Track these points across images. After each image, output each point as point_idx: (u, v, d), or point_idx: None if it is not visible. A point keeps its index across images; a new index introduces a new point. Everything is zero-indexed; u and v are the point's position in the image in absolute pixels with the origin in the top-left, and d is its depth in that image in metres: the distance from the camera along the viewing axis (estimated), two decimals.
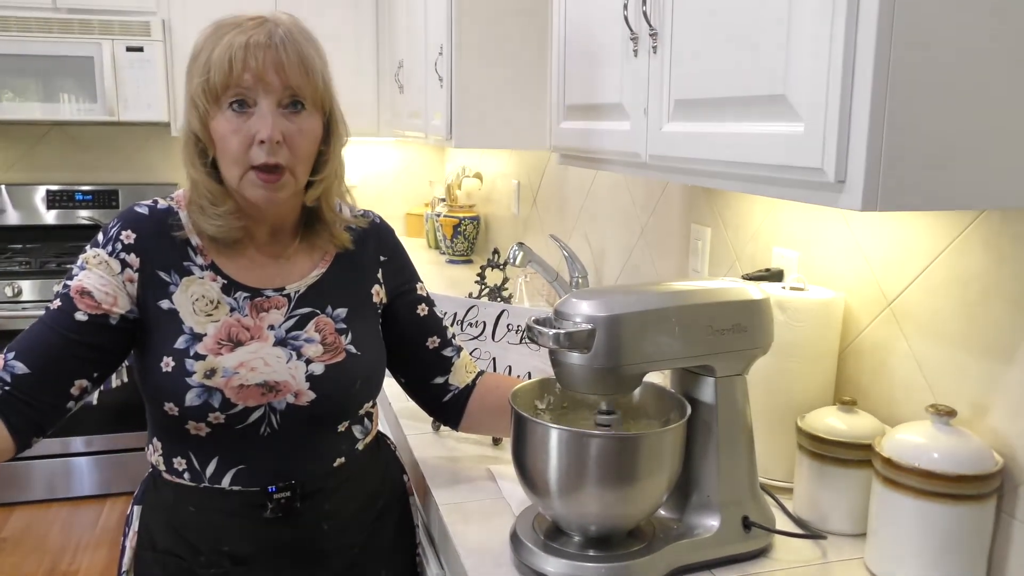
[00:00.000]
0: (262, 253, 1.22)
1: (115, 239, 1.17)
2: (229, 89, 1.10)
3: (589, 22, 1.50)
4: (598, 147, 1.47)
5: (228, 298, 1.18)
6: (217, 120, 1.12)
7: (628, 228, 2.17)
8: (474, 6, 2.40)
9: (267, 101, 1.11)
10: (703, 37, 1.10)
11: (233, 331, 1.16)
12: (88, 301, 1.13)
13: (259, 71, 1.09)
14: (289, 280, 1.22)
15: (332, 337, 1.21)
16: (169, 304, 1.16)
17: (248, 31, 1.10)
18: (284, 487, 1.17)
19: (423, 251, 3.77)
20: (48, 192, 3.79)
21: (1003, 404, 1.07)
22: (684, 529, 1.11)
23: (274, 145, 1.11)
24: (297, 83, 1.12)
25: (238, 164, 1.12)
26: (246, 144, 1.11)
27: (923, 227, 1.20)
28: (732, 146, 1.04)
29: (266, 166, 1.11)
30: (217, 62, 1.09)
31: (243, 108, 1.11)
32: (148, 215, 1.19)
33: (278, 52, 1.10)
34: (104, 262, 1.16)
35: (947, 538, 1.02)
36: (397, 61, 3.32)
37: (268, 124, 1.10)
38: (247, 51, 1.09)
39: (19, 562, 2.99)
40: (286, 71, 1.11)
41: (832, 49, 0.84)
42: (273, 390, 1.15)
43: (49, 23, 3.33)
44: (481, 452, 1.48)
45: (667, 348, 1.05)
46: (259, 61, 1.09)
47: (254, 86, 1.10)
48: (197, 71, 1.12)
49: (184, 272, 1.17)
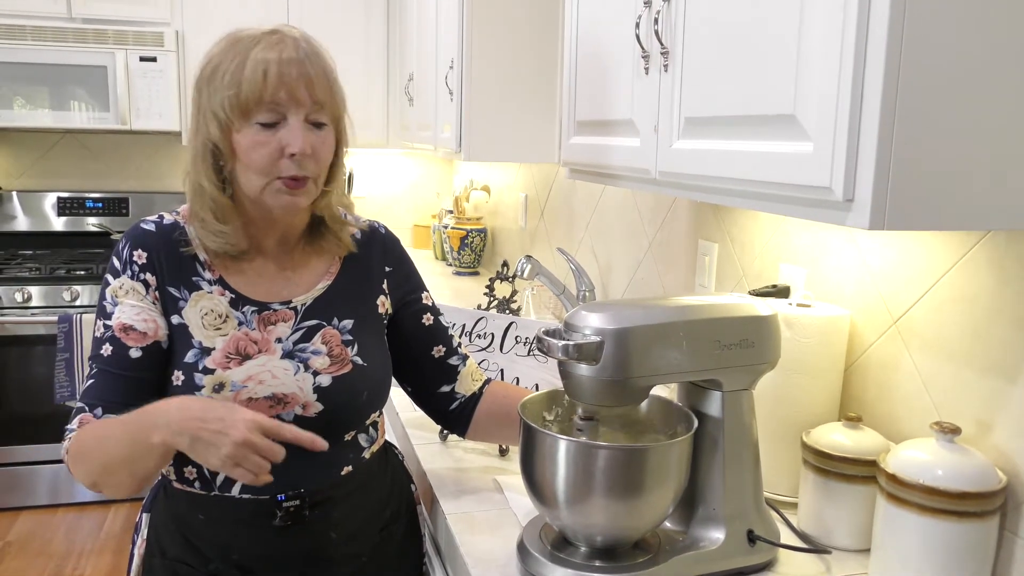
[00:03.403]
0: (269, 264, 1.23)
1: (129, 262, 1.18)
2: (262, 104, 1.11)
3: (600, 39, 1.52)
4: (608, 162, 1.49)
5: (236, 312, 1.19)
6: (242, 133, 1.12)
7: (635, 243, 2.18)
8: (485, 20, 2.42)
9: (296, 116, 1.12)
10: (713, 56, 1.12)
11: (241, 345, 1.17)
12: (134, 336, 1.15)
13: (292, 87, 1.11)
14: (296, 293, 1.24)
15: (339, 349, 1.22)
16: (179, 319, 1.17)
17: (274, 46, 1.11)
18: (293, 495, 1.18)
19: (430, 263, 3.78)
20: (59, 199, 3.82)
21: (1007, 422, 1.08)
22: (689, 541, 1.12)
23: (304, 158, 1.13)
24: (323, 98, 1.14)
25: (264, 175, 1.13)
26: (274, 157, 1.13)
27: (929, 246, 1.21)
28: (741, 164, 1.05)
29: (293, 177, 1.14)
30: (250, 77, 1.10)
31: (270, 123, 1.12)
32: (155, 231, 1.20)
33: (305, 67, 1.12)
34: (131, 290, 1.17)
35: (950, 555, 1.03)
36: (407, 74, 3.35)
37: (300, 138, 1.12)
38: (281, 67, 1.11)
39: (24, 567, 2.99)
40: (314, 86, 1.13)
41: (842, 69, 0.86)
42: (281, 403, 1.17)
43: (64, 32, 3.37)
44: (488, 462, 1.49)
45: (675, 362, 1.06)
46: (291, 77, 1.11)
47: (286, 102, 1.12)
48: (221, 85, 1.12)
49: (193, 287, 1.19)
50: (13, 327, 3.30)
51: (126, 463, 1.08)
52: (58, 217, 3.83)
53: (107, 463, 1.09)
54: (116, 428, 1.09)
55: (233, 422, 1.01)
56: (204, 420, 1.01)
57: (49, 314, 3.29)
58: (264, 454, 1.01)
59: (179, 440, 1.02)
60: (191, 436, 1.01)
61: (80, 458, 1.11)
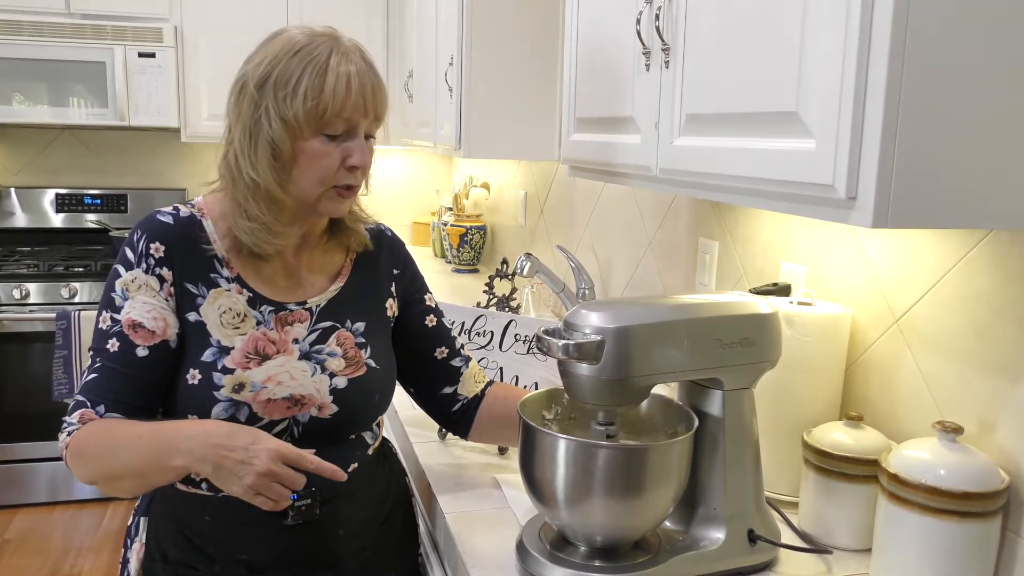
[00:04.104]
0: (286, 263, 1.23)
1: (145, 254, 1.15)
2: (338, 119, 1.13)
3: (601, 36, 1.51)
4: (608, 160, 1.48)
5: (254, 311, 1.18)
6: (311, 143, 1.13)
7: (636, 240, 2.18)
8: (485, 17, 2.41)
9: (361, 130, 1.16)
10: (715, 53, 1.11)
11: (260, 345, 1.17)
12: (143, 333, 1.13)
13: (368, 101, 1.14)
14: (310, 294, 1.24)
15: (353, 351, 1.23)
16: (196, 316, 1.16)
17: (347, 57, 1.13)
18: (305, 494, 1.17)
19: (429, 260, 3.78)
20: (57, 195, 3.81)
21: (1010, 422, 1.07)
22: (690, 541, 1.12)
23: (361, 170, 1.17)
24: (383, 112, 1.18)
25: (322, 184, 1.16)
26: (336, 167, 1.15)
27: (931, 244, 1.21)
28: (743, 161, 1.04)
29: (348, 187, 1.17)
30: (332, 91, 1.11)
31: (338, 134, 1.14)
32: (173, 224, 1.18)
33: (376, 80, 1.16)
34: (144, 284, 1.15)
35: (952, 555, 1.02)
36: (407, 70, 3.34)
37: (364, 153, 1.16)
38: (361, 80, 1.13)
39: (22, 564, 2.99)
40: (378, 104, 1.16)
41: (845, 66, 0.85)
42: (299, 404, 1.16)
43: (62, 28, 3.35)
44: (487, 461, 1.48)
45: (675, 360, 1.05)
46: (368, 91, 1.14)
47: (361, 116, 1.15)
48: (297, 94, 1.11)
49: (211, 284, 1.18)
50: (11, 324, 3.29)
51: (138, 476, 1.08)
52: (56, 214, 3.83)
53: (116, 471, 1.09)
54: (131, 440, 1.07)
55: (257, 452, 1.01)
56: (229, 448, 1.01)
57: (47, 311, 3.29)
58: (286, 483, 1.02)
59: (202, 467, 1.02)
60: (214, 464, 1.01)
61: (83, 457, 1.10)
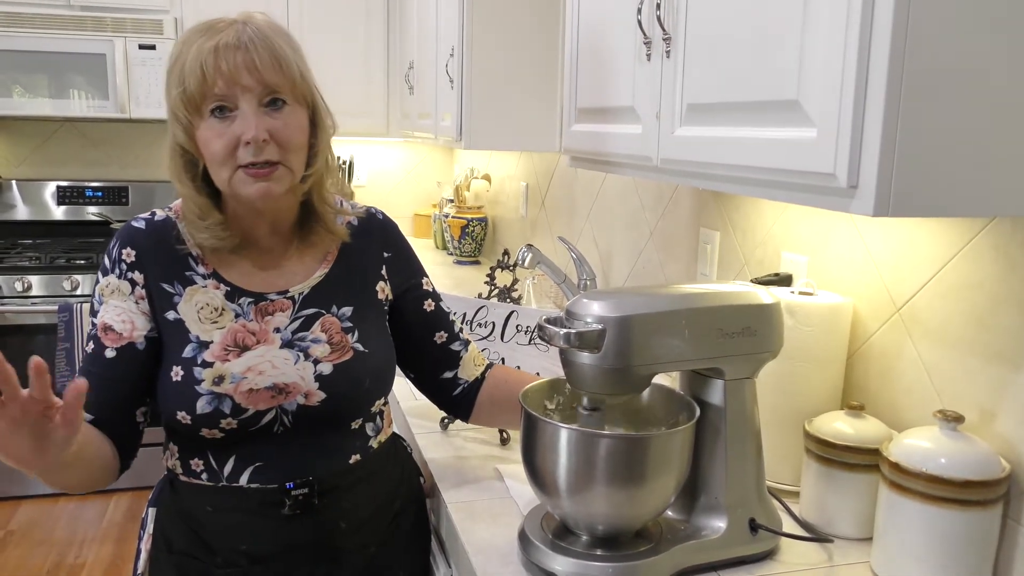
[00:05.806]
0: (264, 255, 1.23)
1: (118, 260, 1.19)
2: (207, 97, 1.10)
3: (602, 26, 1.51)
4: (609, 150, 1.48)
5: (232, 304, 1.19)
6: (201, 129, 1.12)
7: (637, 231, 2.17)
8: (486, 7, 2.41)
9: (247, 102, 1.10)
10: (716, 42, 1.11)
11: (239, 336, 1.17)
12: (112, 336, 1.16)
13: (232, 74, 1.09)
14: (292, 282, 1.23)
15: (339, 336, 1.22)
16: (175, 315, 1.17)
17: (214, 36, 1.10)
18: (302, 483, 1.17)
19: (431, 252, 3.77)
20: (58, 188, 3.81)
21: (1011, 410, 1.08)
22: (691, 530, 1.12)
23: (260, 144, 1.10)
24: (273, 80, 1.11)
25: (226, 166, 1.12)
26: (232, 147, 1.11)
27: (933, 233, 1.20)
28: (744, 150, 1.04)
29: (253, 164, 1.11)
30: (190, 71, 1.09)
31: (224, 113, 1.11)
32: (145, 229, 1.20)
33: (248, 52, 1.10)
34: (116, 289, 1.18)
35: (953, 543, 1.03)
36: (407, 62, 3.33)
37: (252, 125, 1.10)
38: (217, 56, 1.09)
39: (26, 555, 3.00)
40: (259, 70, 1.10)
41: (846, 55, 0.85)
42: (283, 392, 1.16)
43: (63, 20, 3.35)
44: (489, 451, 1.49)
45: (677, 350, 1.05)
46: (230, 64, 1.09)
47: (230, 90, 1.10)
48: (174, 82, 1.11)
49: (187, 282, 1.19)
50: (13, 316, 3.29)
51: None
52: (58, 206, 3.82)
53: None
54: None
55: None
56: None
57: (49, 303, 3.29)
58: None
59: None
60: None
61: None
